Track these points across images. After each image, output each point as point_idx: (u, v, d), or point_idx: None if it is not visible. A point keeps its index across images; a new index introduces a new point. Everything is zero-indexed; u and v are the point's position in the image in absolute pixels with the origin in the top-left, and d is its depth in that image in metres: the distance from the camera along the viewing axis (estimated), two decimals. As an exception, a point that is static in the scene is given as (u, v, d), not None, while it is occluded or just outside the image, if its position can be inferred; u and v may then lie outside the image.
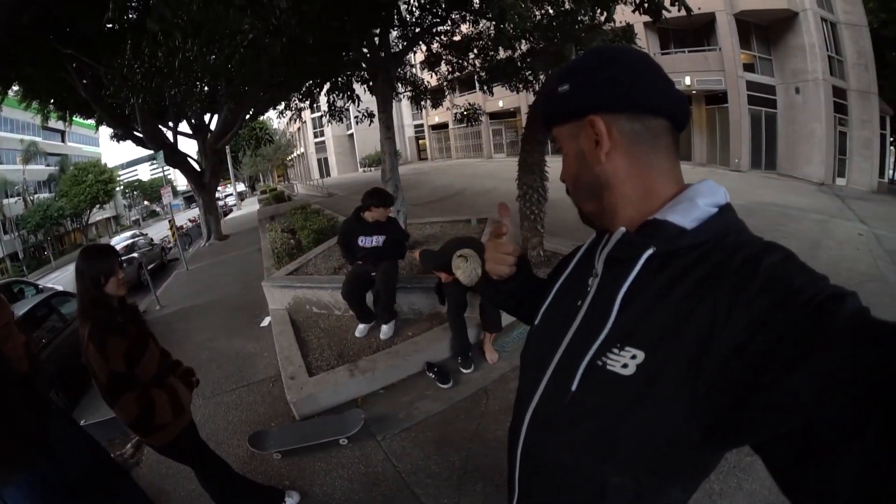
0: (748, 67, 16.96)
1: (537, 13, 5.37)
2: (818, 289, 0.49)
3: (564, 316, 0.74)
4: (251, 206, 25.00)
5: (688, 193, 0.66)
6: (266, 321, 5.26)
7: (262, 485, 2.54)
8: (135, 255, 12.79)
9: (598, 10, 5.02)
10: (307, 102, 8.85)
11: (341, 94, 8.23)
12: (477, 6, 6.48)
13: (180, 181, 54.65)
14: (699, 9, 4.95)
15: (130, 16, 6.33)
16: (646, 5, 4.61)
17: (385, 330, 3.98)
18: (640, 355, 0.59)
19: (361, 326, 3.94)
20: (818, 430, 0.44)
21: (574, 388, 0.65)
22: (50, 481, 1.66)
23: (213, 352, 4.93)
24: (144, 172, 73.60)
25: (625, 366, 0.60)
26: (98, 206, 39.29)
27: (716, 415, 0.53)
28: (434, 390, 3.47)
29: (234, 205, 29.84)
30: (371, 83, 7.08)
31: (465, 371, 3.61)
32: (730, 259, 0.56)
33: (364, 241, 3.96)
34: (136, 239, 17.49)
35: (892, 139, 18.92)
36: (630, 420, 0.59)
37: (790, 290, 0.49)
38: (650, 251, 0.63)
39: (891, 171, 20.79)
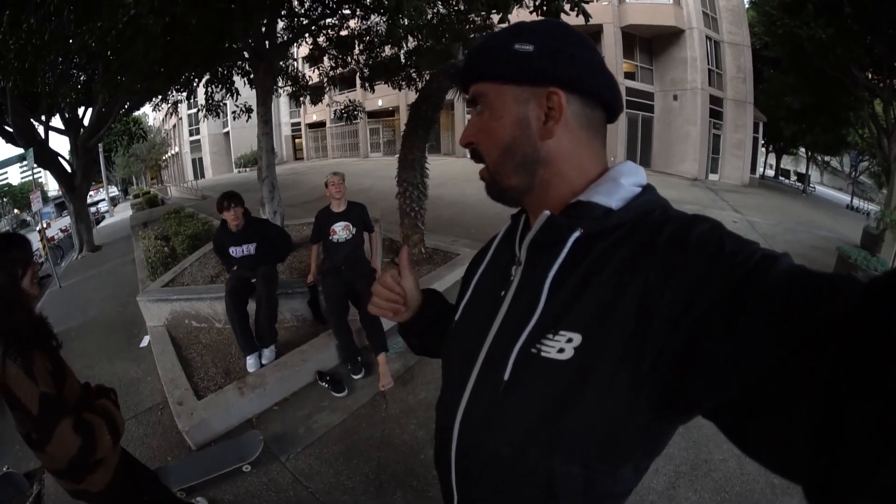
0: (629, 75, 18.79)
1: (429, 11, 5.36)
2: (751, 251, 0.49)
3: (487, 309, 0.71)
4: (124, 211, 23.15)
5: (611, 174, 0.65)
6: (146, 340, 4.75)
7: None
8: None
9: (494, 11, 5.08)
10: (184, 94, 8.32)
11: (220, 87, 7.79)
12: (370, 0, 6.39)
13: (52, 185, 48.76)
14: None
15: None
16: (544, 8, 4.68)
17: (267, 354, 3.71)
18: (577, 338, 0.57)
19: (251, 361, 3.61)
20: (767, 385, 0.42)
21: (507, 377, 0.62)
22: None
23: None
24: (15, 176, 64.86)
25: (561, 350, 0.58)
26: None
27: (664, 388, 0.52)
28: (330, 400, 3.36)
29: (107, 211, 27.11)
30: (252, 74, 6.79)
31: (356, 377, 3.50)
32: (658, 233, 0.56)
33: (235, 252, 3.74)
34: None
35: (763, 141, 21.88)
36: (574, 405, 0.57)
37: (722, 255, 0.49)
38: (577, 233, 0.61)
39: (762, 168, 24.03)
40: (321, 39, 7.86)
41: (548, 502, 0.63)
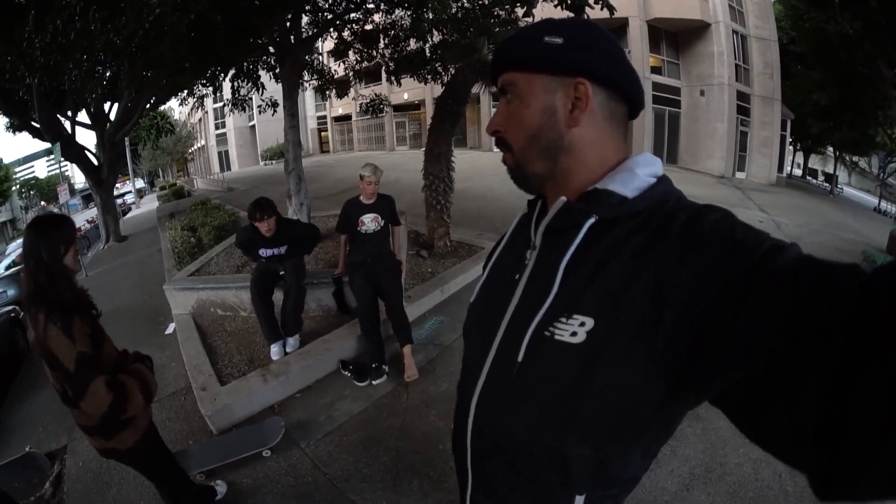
0: (655, 70, 18.30)
1: (453, 5, 5.34)
2: (760, 240, 0.50)
3: (503, 292, 0.73)
4: (150, 203, 23.66)
5: (627, 164, 0.67)
6: (171, 328, 4.87)
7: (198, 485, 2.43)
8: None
9: (519, 4, 5.04)
10: (210, 89, 8.36)
11: (246, 81, 7.84)
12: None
13: (78, 178, 50.05)
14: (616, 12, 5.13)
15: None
16: (568, 2, 4.62)
17: (291, 343, 3.76)
18: (590, 322, 0.59)
19: (275, 349, 3.67)
20: (773, 370, 0.43)
21: (521, 359, 0.64)
22: None
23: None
24: (41, 169, 66.60)
25: (574, 334, 0.59)
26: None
27: (678, 369, 0.53)
28: (352, 389, 3.39)
29: (133, 203, 27.66)
30: (278, 69, 6.82)
31: (376, 382, 3.45)
32: (671, 221, 0.57)
33: (265, 252, 3.71)
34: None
35: (791, 139, 21.30)
36: (588, 386, 0.58)
37: (734, 242, 0.51)
38: (592, 219, 0.63)
39: (789, 167, 23.40)
40: (346, 34, 7.85)
41: (561, 483, 0.65)
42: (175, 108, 32.49)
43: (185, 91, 9.08)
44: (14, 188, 42.75)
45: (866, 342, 0.36)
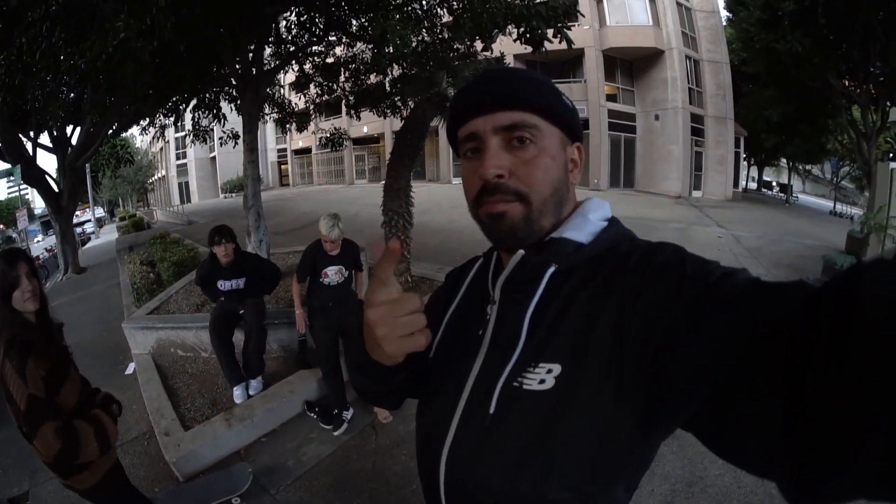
0: (611, 97, 19.19)
1: (413, 40, 5.46)
2: (709, 269, 0.54)
3: (466, 348, 0.72)
4: (110, 234, 22.71)
5: (580, 210, 0.70)
6: (131, 367, 4.68)
7: None
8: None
9: (479, 38, 5.18)
10: (172, 119, 8.29)
11: (207, 112, 7.77)
12: (356, 28, 6.46)
13: (38, 203, 47.70)
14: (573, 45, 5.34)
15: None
16: (527, 36, 4.76)
17: (254, 385, 3.68)
18: (556, 368, 0.59)
19: (237, 392, 3.56)
20: (732, 383, 0.45)
21: (492, 410, 0.63)
22: None
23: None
24: (1, 191, 63.21)
25: (542, 381, 0.60)
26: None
27: (645, 399, 0.54)
28: (319, 432, 3.33)
29: (93, 232, 26.68)
30: (239, 101, 6.76)
31: (336, 434, 3.34)
32: (625, 261, 0.60)
33: (224, 285, 3.70)
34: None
35: (745, 155, 22.40)
36: (561, 430, 0.58)
37: (683, 275, 0.54)
38: (552, 269, 0.64)
39: (744, 182, 24.50)
40: (307, 66, 7.91)
41: None
42: (137, 136, 31.74)
43: (147, 119, 8.95)
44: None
45: (819, 349, 0.37)
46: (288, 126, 9.04)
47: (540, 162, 0.65)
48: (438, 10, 5.76)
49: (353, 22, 6.29)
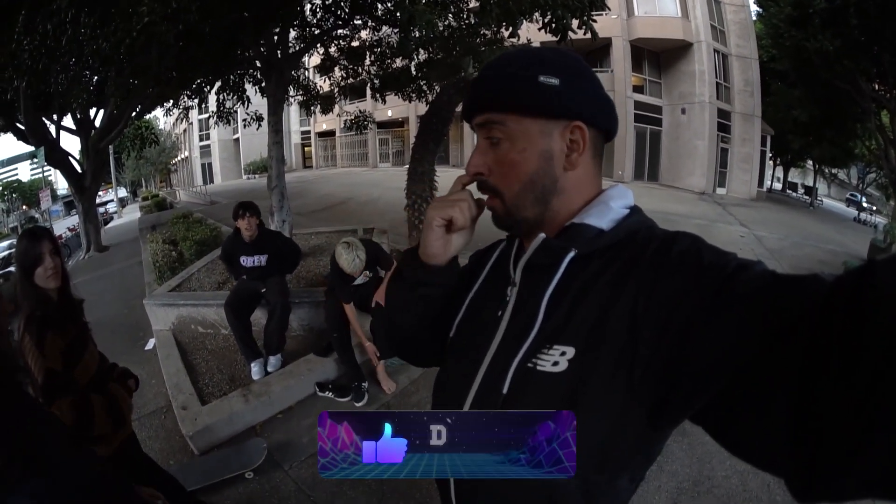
0: (637, 89, 18.79)
1: (440, 25, 5.41)
2: (726, 261, 0.53)
3: (485, 328, 0.73)
4: (133, 213, 23.10)
5: (602, 197, 0.69)
6: (150, 343, 4.78)
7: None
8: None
9: (504, 25, 5.11)
10: (196, 101, 8.35)
11: (231, 94, 7.83)
12: (381, 12, 6.43)
13: (61, 184, 48.94)
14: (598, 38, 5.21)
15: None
16: (552, 25, 4.69)
17: (273, 363, 3.73)
18: (570, 351, 0.60)
19: (255, 368, 3.63)
20: (745, 379, 0.46)
21: (505, 390, 0.64)
22: None
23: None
24: (25, 172, 65.00)
25: (555, 363, 0.61)
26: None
27: (656, 390, 0.55)
28: (335, 409, 3.29)
29: (115, 212, 27.25)
30: (263, 84, 6.81)
31: (358, 405, 3.41)
32: (644, 250, 0.60)
33: (246, 262, 3.75)
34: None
35: (771, 155, 21.84)
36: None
37: (701, 266, 0.54)
38: (572, 254, 0.64)
39: (769, 182, 23.97)
40: (332, 49, 7.91)
41: None
42: (160, 117, 32.30)
43: (171, 101, 9.03)
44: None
45: (831, 346, 0.38)
46: (312, 108, 9.07)
47: (507, 159, 0.67)
48: (465, -5, 5.74)
49: (379, 6, 6.26)
